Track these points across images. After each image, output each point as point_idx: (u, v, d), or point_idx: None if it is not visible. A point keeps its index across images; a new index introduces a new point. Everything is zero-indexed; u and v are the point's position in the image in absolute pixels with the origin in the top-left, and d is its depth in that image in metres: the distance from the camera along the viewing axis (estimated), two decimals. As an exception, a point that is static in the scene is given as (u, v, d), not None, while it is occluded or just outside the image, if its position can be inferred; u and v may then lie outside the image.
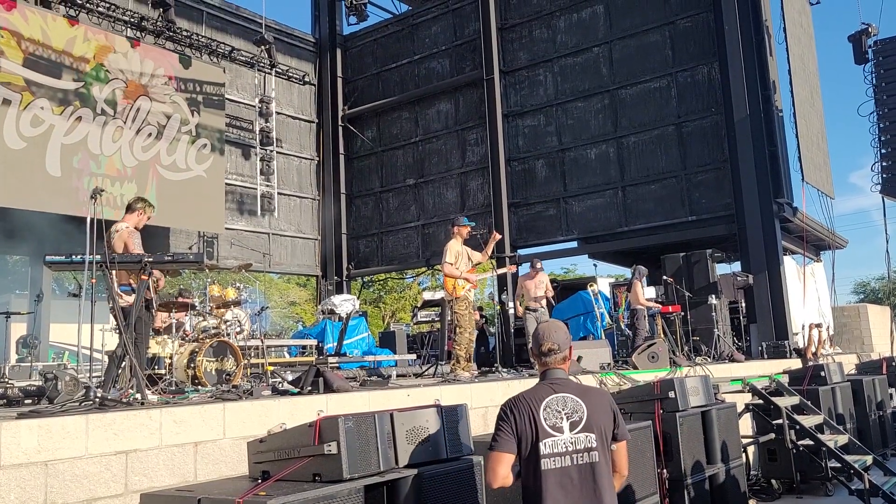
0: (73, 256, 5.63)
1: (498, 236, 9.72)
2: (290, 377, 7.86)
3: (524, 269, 20.05)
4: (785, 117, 16.12)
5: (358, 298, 17.74)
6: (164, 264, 5.91)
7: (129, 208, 6.91)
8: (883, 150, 16.53)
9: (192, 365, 7.67)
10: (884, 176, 16.53)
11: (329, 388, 5.76)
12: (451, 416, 4.31)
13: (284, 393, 5.84)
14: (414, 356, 15.34)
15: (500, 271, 12.53)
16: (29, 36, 14.40)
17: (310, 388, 5.76)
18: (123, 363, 6.37)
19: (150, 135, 16.40)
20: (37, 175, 14.30)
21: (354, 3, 17.32)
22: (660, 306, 13.47)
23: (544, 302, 12.28)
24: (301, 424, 3.94)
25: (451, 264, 9.13)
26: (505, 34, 19.92)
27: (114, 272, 5.79)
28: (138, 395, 5.32)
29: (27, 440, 3.94)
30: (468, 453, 4.34)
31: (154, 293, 6.13)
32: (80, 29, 15.38)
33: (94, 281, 5.84)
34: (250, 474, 4.06)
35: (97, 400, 4.93)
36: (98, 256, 5.67)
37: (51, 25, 14.85)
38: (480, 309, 16.53)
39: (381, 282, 36.04)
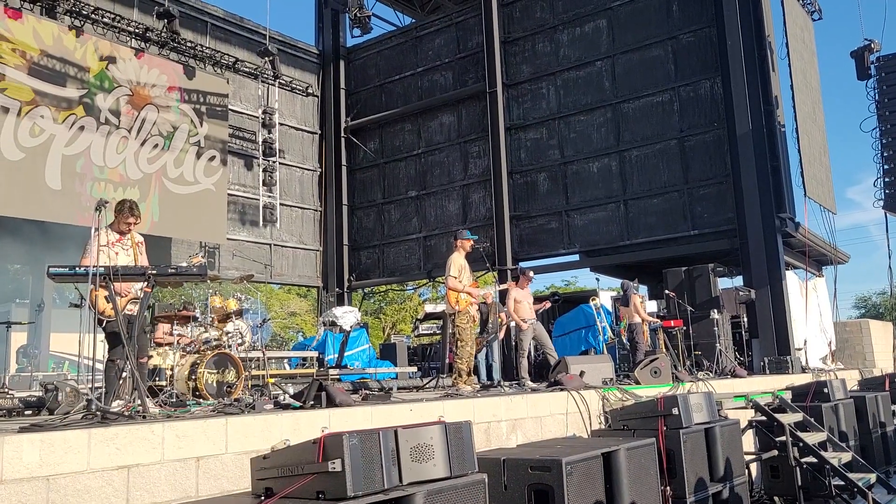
0: (77, 268, 5.61)
1: (514, 285, 10.14)
2: (291, 390, 7.83)
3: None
4: (787, 132, 16.15)
5: (359, 310, 17.72)
6: (168, 277, 5.89)
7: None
8: (885, 166, 16.55)
9: (194, 377, 7.65)
10: (886, 192, 16.54)
11: (331, 403, 5.73)
12: (456, 434, 4.28)
13: (287, 407, 5.81)
14: (415, 368, 15.32)
15: (502, 287, 12.50)
16: (34, 45, 14.42)
17: (312, 402, 5.73)
18: (124, 374, 6.35)
19: (156, 146, 16.37)
20: (36, 187, 14.13)
21: (358, 15, 17.36)
22: (658, 321, 13.44)
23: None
24: (305, 441, 3.92)
25: (455, 278, 9.14)
26: (508, 47, 19.99)
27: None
28: (140, 408, 5.29)
29: (29, 454, 3.91)
30: (472, 471, 4.31)
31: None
32: (85, 38, 15.42)
33: (96, 293, 5.83)
34: (253, 490, 4.04)
35: (99, 413, 4.90)
36: (101, 268, 5.66)
37: (56, 35, 14.89)
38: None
39: (382, 293, 36.01)
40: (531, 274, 12.68)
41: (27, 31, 14.35)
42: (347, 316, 14.67)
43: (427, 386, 11.57)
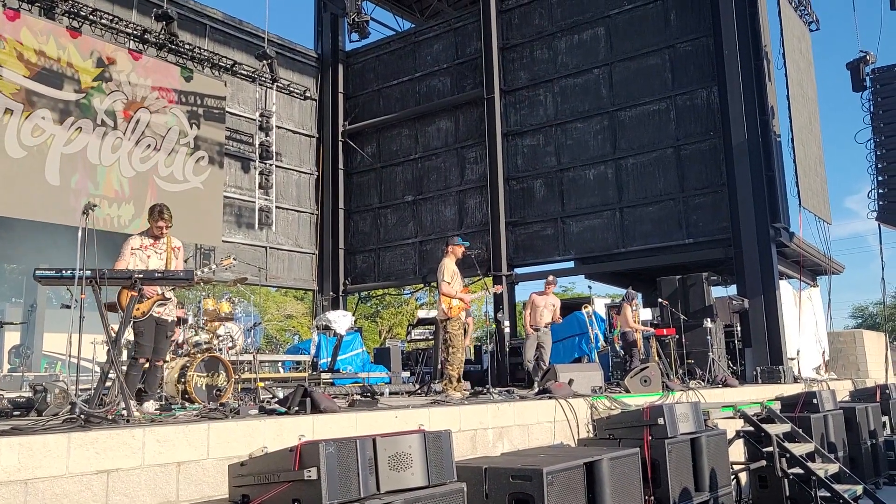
0: (63, 271, 5.62)
1: (500, 289, 10.20)
2: (281, 394, 7.84)
3: (520, 287, 20.11)
4: (783, 142, 16.19)
5: (355, 313, 17.73)
6: (154, 281, 5.91)
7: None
8: (879, 178, 16.57)
9: (183, 380, 7.66)
10: (880, 203, 16.54)
11: (316, 409, 5.73)
12: (436, 443, 4.29)
13: (272, 412, 5.81)
14: (408, 373, 15.32)
15: (491, 290, 12.58)
16: (31, 46, 14.49)
17: (297, 408, 5.73)
18: (111, 376, 6.37)
19: (148, 146, 16.50)
20: (36, 184, 14.38)
21: (356, 20, 17.40)
22: (652, 329, 13.46)
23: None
24: (282, 449, 3.93)
25: (448, 283, 9.18)
26: (506, 54, 20.03)
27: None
28: (124, 412, 5.30)
29: (7, 458, 3.92)
30: (451, 480, 4.31)
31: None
32: (83, 40, 15.48)
33: (83, 296, 5.84)
34: (230, 498, 4.05)
35: (82, 417, 4.90)
36: (88, 272, 5.67)
37: (53, 36, 14.94)
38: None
39: (379, 297, 36.03)
40: (551, 278, 12.83)
41: (25, 33, 14.40)
42: (341, 320, 14.67)
43: (418, 391, 11.61)
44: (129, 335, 6.58)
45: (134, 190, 16.06)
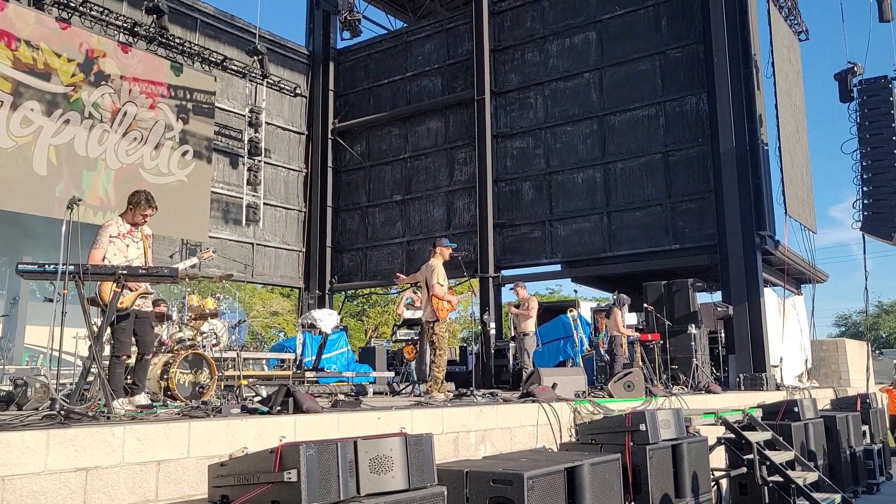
0: (46, 266, 5.57)
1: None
2: (264, 392, 7.81)
3: (506, 289, 20.14)
4: (770, 151, 16.30)
5: (341, 311, 17.66)
6: (138, 277, 5.87)
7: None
8: (865, 188, 16.73)
9: (166, 376, 7.62)
10: (864, 213, 16.71)
11: (298, 409, 5.72)
12: (417, 446, 4.28)
13: (254, 411, 5.80)
14: (392, 373, 15.30)
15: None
16: (20, 37, 14.37)
17: (279, 407, 5.72)
18: (93, 371, 6.33)
19: (135, 139, 16.45)
20: (24, 175, 14.30)
21: (348, 18, 17.37)
22: (637, 334, 13.53)
23: (531, 324, 12.47)
24: (263, 450, 3.91)
25: (442, 286, 9.19)
26: (497, 56, 20.06)
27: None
28: (105, 409, 5.26)
29: (-16, 454, 3.89)
30: (432, 483, 4.31)
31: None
32: (72, 32, 15.37)
33: (66, 291, 5.79)
34: (210, 498, 4.03)
35: (62, 413, 4.87)
36: (71, 266, 5.63)
37: (42, 27, 14.82)
38: None
39: (365, 296, 35.98)
40: (515, 283, 12.92)
41: (12, 22, 14.27)
42: (327, 318, 14.62)
43: (402, 392, 11.62)
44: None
45: (119, 197, 15.90)
